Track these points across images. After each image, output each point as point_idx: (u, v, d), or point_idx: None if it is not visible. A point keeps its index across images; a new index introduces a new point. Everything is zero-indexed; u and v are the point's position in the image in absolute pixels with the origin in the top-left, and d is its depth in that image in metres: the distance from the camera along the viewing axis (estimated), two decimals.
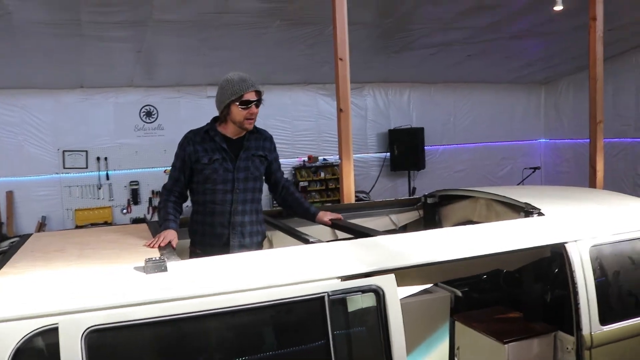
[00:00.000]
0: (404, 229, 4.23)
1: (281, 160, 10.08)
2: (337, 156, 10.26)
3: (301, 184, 9.91)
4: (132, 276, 2.12)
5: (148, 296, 2.00)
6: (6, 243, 3.25)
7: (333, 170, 10.05)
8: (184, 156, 3.12)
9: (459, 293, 3.90)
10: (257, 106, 3.11)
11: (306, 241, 2.67)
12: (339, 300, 2.22)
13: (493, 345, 3.00)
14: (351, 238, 2.72)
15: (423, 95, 10.83)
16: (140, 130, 8.93)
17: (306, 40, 6.99)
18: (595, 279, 2.81)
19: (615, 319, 2.85)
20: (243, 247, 3.05)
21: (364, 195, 9.73)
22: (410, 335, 3.81)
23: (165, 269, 2.14)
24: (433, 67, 9.38)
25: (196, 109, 8.90)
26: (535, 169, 10.01)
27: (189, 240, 3.26)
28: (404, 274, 2.47)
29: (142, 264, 2.14)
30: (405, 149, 10.19)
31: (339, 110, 4.83)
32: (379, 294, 2.27)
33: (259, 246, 3.18)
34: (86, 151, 8.62)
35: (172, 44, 6.88)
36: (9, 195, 8.26)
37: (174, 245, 2.72)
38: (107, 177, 8.77)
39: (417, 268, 2.46)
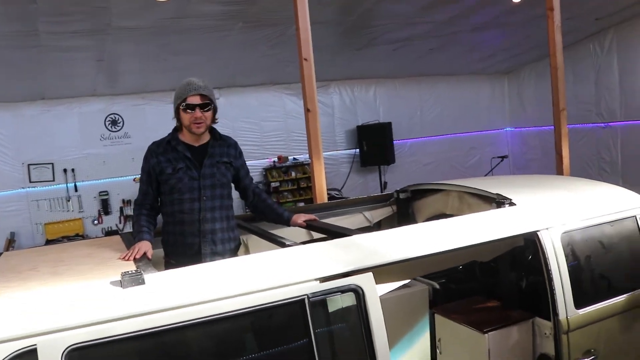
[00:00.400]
0: (379, 225, 4.26)
1: (251, 162, 9.96)
2: (307, 155, 10.33)
3: (272, 184, 9.89)
4: (109, 291, 2.08)
5: (127, 310, 1.96)
6: None
7: (304, 169, 10.05)
8: (148, 169, 3.11)
9: (437, 286, 3.95)
10: (206, 110, 3.05)
11: (282, 244, 2.66)
12: (319, 302, 2.22)
13: (473, 335, 3.04)
14: (326, 238, 2.73)
15: (389, 90, 10.91)
16: (107, 140, 8.78)
17: (269, 41, 6.97)
18: (568, 265, 2.88)
19: (589, 302, 2.92)
20: (216, 255, 3.03)
21: (336, 193, 9.76)
22: (391, 330, 3.83)
23: (142, 282, 2.11)
24: (397, 62, 9.46)
25: (162, 115, 8.72)
26: (503, 157, 10.19)
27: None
28: (381, 272, 2.49)
29: (119, 277, 2.10)
30: (374, 144, 10.25)
31: (307, 110, 4.83)
32: (358, 293, 2.28)
33: (232, 253, 3.16)
34: (52, 163, 8.44)
35: (133, 51, 6.79)
36: None
37: (150, 256, 2.69)
38: (76, 189, 8.60)
39: (395, 265, 2.48)
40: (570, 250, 2.97)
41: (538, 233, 2.84)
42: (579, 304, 2.87)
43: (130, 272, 2.12)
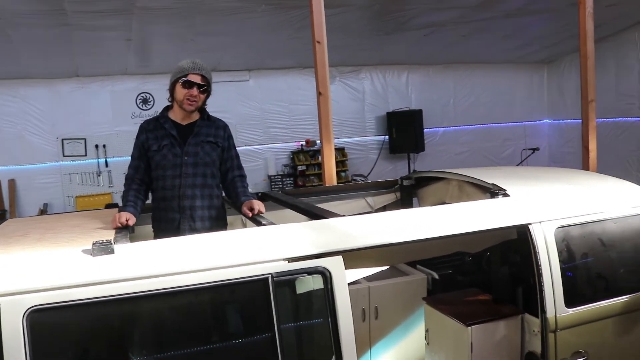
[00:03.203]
0: (383, 211, 4.22)
1: (279, 145, 10.05)
2: (336, 139, 10.30)
3: (299, 168, 9.92)
4: (78, 258, 2.15)
5: (90, 278, 2.03)
6: None
7: None
8: (139, 145, 3.21)
9: (436, 276, 3.90)
10: (202, 92, 3.15)
11: (259, 224, 2.67)
12: (284, 282, 2.23)
13: (457, 327, 2.99)
14: None
15: (422, 77, 10.73)
16: (137, 118, 8.95)
17: (294, 24, 6.94)
18: (560, 261, 2.78)
19: (582, 301, 2.82)
20: (194, 231, 3.07)
21: (362, 179, 9.71)
22: (388, 318, 3.84)
23: (111, 252, 2.17)
24: (429, 48, 9.27)
25: None
26: (534, 150, 9.89)
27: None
28: (355, 256, 2.47)
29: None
30: (404, 131, 10.13)
31: (319, 94, 4.80)
32: (325, 275, 2.27)
33: (213, 231, 3.17)
34: (84, 139, 8.71)
35: (159, 31, 6.88)
36: (12, 183, 8.38)
37: (130, 224, 2.79)
38: (107, 164, 8.85)
39: (369, 250, 2.45)
40: (565, 246, 2.86)
41: (529, 226, 2.75)
42: (570, 303, 2.77)
43: (100, 242, 2.18)
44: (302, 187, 9.54)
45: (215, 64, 9.00)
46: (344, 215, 2.70)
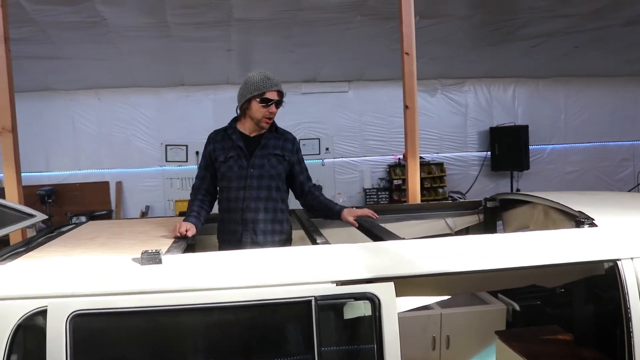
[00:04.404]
0: (466, 233, 3.96)
1: (376, 158, 9.96)
2: (435, 154, 10.00)
3: (395, 182, 9.71)
4: (126, 266, 2.17)
5: (134, 286, 2.04)
6: (66, 229, 3.51)
7: (429, 168, 9.72)
8: (206, 155, 3.23)
9: (517, 307, 3.59)
10: (277, 107, 3.10)
11: (314, 241, 2.57)
12: (329, 306, 2.11)
13: None
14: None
15: (530, 90, 10.12)
16: None
17: (391, 35, 6.79)
18: None
19: None
20: (256, 245, 3.02)
21: (459, 196, 9.31)
22: (460, 349, 3.59)
23: (159, 262, 2.17)
24: (538, 60, 8.71)
25: (290, 105, 8.92)
26: None
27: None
28: (411, 283, 2.29)
29: None
30: (507, 148, 9.60)
31: (405, 108, 4.65)
32: (374, 302, 2.11)
33: (276, 246, 3.10)
34: (186, 145, 9.12)
35: (258, 42, 7.04)
36: (119, 185, 8.99)
37: (189, 234, 2.80)
38: None
39: (427, 278, 2.26)
40: None
41: (618, 262, 2.41)
42: None
43: (149, 251, 2.19)
44: (396, 202, 9.34)
45: (314, 74, 9.10)
46: (403, 238, 2.53)
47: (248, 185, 3.09)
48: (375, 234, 2.67)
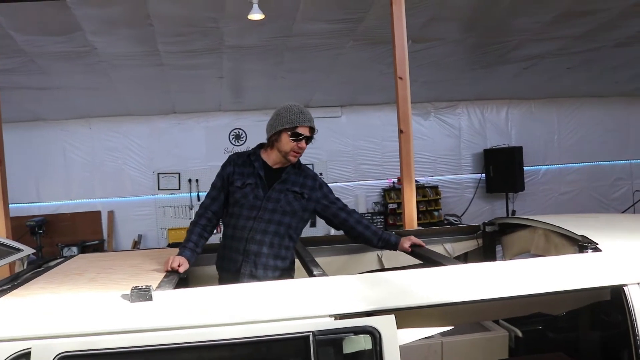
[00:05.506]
0: (462, 259, 3.88)
1: (370, 182, 9.88)
2: (428, 177, 9.96)
3: (390, 205, 9.65)
4: (115, 304, 2.07)
5: (123, 325, 1.94)
6: (54, 263, 3.40)
7: (424, 192, 9.67)
8: (223, 175, 3.11)
9: (519, 333, 3.50)
10: (307, 142, 3.04)
11: (310, 273, 2.48)
12: (327, 341, 2.01)
13: None
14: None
15: (523, 112, 10.16)
16: (230, 153, 9.11)
17: (383, 60, 6.80)
18: None
19: None
20: (253, 278, 2.92)
21: (455, 219, 9.25)
22: None
23: (149, 298, 2.07)
24: (530, 81, 8.74)
25: None
26: None
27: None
28: (412, 314, 2.21)
29: None
30: (502, 169, 9.59)
31: (400, 132, 4.60)
32: (375, 336, 2.02)
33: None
34: (179, 173, 9.06)
35: (249, 69, 7.02)
36: (110, 214, 8.88)
37: (181, 270, 2.69)
38: (199, 198, 9.08)
39: (429, 309, 2.18)
40: None
41: (625, 288, 2.33)
42: None
43: (139, 287, 2.10)
44: (392, 227, 9.26)
45: (307, 100, 9.08)
46: (402, 268, 2.45)
47: (259, 216, 2.99)
48: (434, 259, 2.61)
